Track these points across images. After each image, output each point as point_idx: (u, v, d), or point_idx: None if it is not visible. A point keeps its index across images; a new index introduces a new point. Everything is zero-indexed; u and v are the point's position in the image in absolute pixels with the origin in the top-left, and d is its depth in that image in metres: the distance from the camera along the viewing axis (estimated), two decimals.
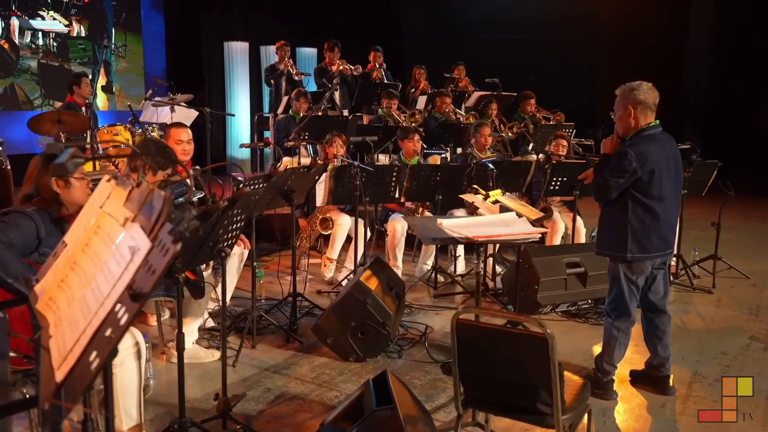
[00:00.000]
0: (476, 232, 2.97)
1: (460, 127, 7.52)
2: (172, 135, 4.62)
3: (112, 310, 1.35)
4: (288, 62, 8.58)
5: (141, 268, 1.35)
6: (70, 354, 1.40)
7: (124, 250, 1.48)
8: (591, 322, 4.91)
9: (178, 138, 4.59)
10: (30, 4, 9.90)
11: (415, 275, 5.97)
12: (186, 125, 4.79)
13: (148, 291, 1.27)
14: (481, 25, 10.54)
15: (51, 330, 1.64)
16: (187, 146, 4.61)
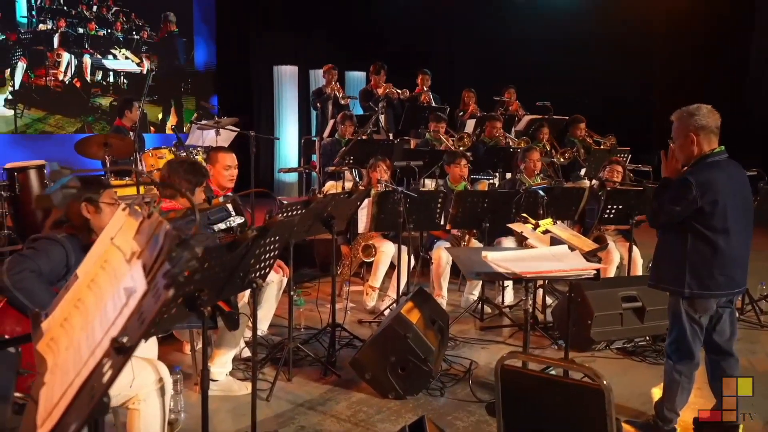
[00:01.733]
0: (524, 267, 2.74)
1: (509, 152, 7.28)
2: (219, 160, 4.52)
3: (100, 362, 1.19)
4: (335, 86, 8.51)
5: (134, 315, 1.18)
6: (56, 409, 1.25)
7: (121, 291, 1.32)
8: (649, 361, 4.58)
9: (225, 163, 4.49)
10: (102, 42, 10.19)
11: (461, 306, 5.73)
12: (231, 151, 4.69)
13: (134, 344, 1.10)
14: (532, 46, 10.29)
15: (46, 376, 1.50)
16: (233, 171, 4.52)
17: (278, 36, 11.33)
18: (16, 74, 9.02)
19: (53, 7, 9.46)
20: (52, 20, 9.43)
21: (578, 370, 2.21)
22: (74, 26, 9.74)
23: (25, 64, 9.08)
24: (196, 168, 3.68)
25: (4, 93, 8.86)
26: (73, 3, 9.75)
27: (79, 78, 9.80)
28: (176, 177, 3.61)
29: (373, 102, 8.30)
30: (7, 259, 2.54)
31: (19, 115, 8.97)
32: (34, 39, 9.19)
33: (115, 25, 10.40)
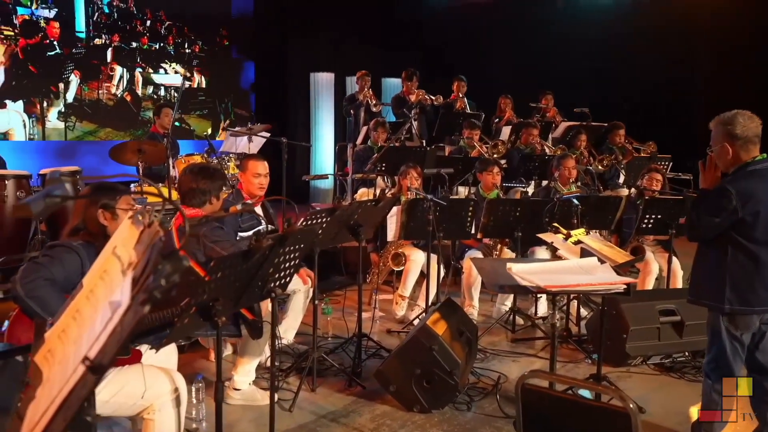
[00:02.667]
0: (549, 281, 2.62)
1: (545, 160, 7.11)
2: (249, 167, 4.49)
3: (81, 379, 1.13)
4: (368, 92, 8.46)
5: (115, 331, 1.12)
6: (36, 428, 1.19)
7: (107, 305, 1.27)
8: (688, 378, 4.38)
9: (256, 171, 4.46)
10: (153, 56, 10.36)
11: (492, 316, 5.60)
12: (263, 159, 4.65)
13: (107, 363, 1.03)
14: (570, 52, 10.08)
15: (38, 390, 1.45)
16: (264, 180, 4.48)
17: (315, 43, 11.35)
18: (70, 87, 9.23)
19: (109, 22, 9.68)
20: (107, 35, 9.64)
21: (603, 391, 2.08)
22: (127, 41, 9.95)
23: (79, 77, 9.28)
24: (214, 173, 3.64)
25: (58, 106, 9.06)
26: (127, 18, 9.98)
27: (130, 92, 9.98)
28: (205, 184, 3.58)
29: (406, 109, 8.21)
30: (22, 267, 2.52)
31: (70, 127, 9.16)
32: (88, 53, 9.40)
33: (167, 39, 10.59)
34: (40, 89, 8.85)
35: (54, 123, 9.03)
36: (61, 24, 9.03)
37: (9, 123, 8.53)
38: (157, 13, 10.42)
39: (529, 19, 10.69)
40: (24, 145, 8.60)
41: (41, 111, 8.86)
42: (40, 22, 8.77)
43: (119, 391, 2.63)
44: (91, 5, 9.40)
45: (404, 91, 8.68)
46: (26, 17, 8.65)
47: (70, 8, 9.19)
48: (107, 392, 2.62)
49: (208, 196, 3.58)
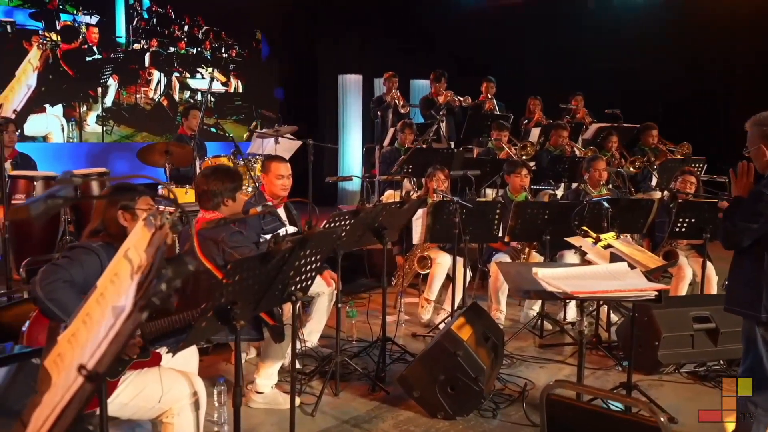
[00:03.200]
0: (577, 286, 2.53)
1: (575, 162, 6.98)
2: (272, 169, 4.48)
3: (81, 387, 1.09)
4: (395, 94, 8.40)
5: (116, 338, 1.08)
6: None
7: (110, 310, 1.23)
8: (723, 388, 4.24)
9: (279, 173, 4.45)
10: (191, 61, 10.46)
11: (520, 321, 5.50)
12: (286, 160, 4.64)
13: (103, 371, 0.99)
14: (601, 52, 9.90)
15: (45, 396, 1.42)
16: (286, 181, 4.46)
17: (343, 45, 11.34)
18: (109, 92, 9.36)
19: (147, 27, 9.81)
20: (145, 40, 9.77)
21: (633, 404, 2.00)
22: (165, 46, 10.06)
23: (117, 82, 9.41)
24: (231, 173, 3.62)
25: (96, 110, 9.20)
26: (166, 23, 10.09)
27: (167, 96, 10.08)
28: (216, 185, 3.55)
29: (434, 110, 8.15)
30: (42, 269, 2.52)
31: (108, 131, 9.28)
32: (126, 58, 9.53)
33: (204, 44, 10.68)
34: (79, 93, 8.98)
35: (92, 127, 9.15)
36: (101, 29, 9.19)
37: (47, 127, 8.68)
38: (195, 18, 10.52)
39: (559, 18, 10.53)
40: (59, 147, 8.72)
41: (80, 115, 9.00)
42: (81, 27, 8.92)
43: (138, 394, 2.61)
44: (131, 11, 9.54)
45: (432, 93, 8.61)
46: (68, 23, 8.80)
47: (111, 14, 9.34)
48: (127, 395, 2.61)
49: (219, 197, 3.54)
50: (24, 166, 5.78)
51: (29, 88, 8.30)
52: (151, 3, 9.82)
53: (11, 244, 4.87)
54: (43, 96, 8.55)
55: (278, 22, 11.23)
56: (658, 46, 9.71)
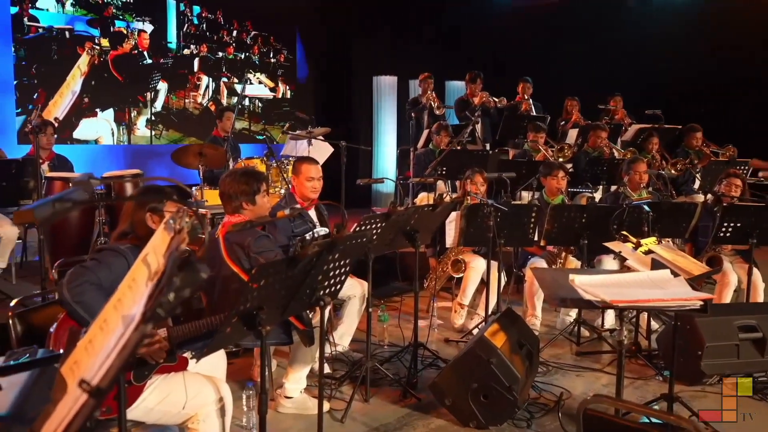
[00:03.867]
0: (617, 295, 2.41)
1: (614, 163, 6.80)
2: (302, 171, 4.43)
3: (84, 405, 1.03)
4: (431, 95, 8.32)
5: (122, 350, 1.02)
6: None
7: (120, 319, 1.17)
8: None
9: (309, 175, 4.39)
10: (239, 66, 10.56)
11: (556, 327, 5.36)
12: (317, 161, 4.59)
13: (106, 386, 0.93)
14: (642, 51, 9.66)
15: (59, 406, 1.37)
16: (317, 183, 4.41)
17: (378, 46, 11.29)
18: (158, 97, 9.50)
19: (197, 33, 9.93)
20: (195, 45, 9.90)
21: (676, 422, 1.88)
22: (214, 51, 10.17)
23: (167, 87, 9.54)
24: (251, 176, 3.56)
25: (146, 114, 9.34)
26: (215, 28, 10.20)
27: (215, 102, 10.17)
28: (233, 187, 3.51)
29: (469, 111, 8.03)
30: (69, 271, 2.50)
31: (157, 136, 9.40)
32: (176, 63, 9.67)
33: (252, 49, 10.76)
34: (130, 98, 9.14)
35: (142, 131, 9.29)
36: (153, 35, 9.34)
37: (98, 131, 8.84)
38: (244, 23, 10.61)
39: (597, 18, 10.32)
40: (103, 149, 8.85)
41: (130, 119, 9.15)
42: (133, 33, 9.08)
43: (164, 399, 2.58)
44: (181, 17, 9.68)
45: (468, 94, 8.51)
46: (121, 29, 8.96)
47: (163, 20, 9.50)
48: (152, 399, 2.58)
49: (236, 201, 3.49)
50: (61, 167, 5.85)
51: (74, 94, 8.46)
52: (201, 9, 9.94)
53: (47, 244, 4.93)
54: (94, 101, 8.73)
55: (313, 23, 11.23)
56: (700, 46, 9.43)
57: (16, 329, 2.66)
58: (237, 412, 3.49)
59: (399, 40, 11.21)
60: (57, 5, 8.37)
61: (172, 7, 9.63)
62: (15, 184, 4.50)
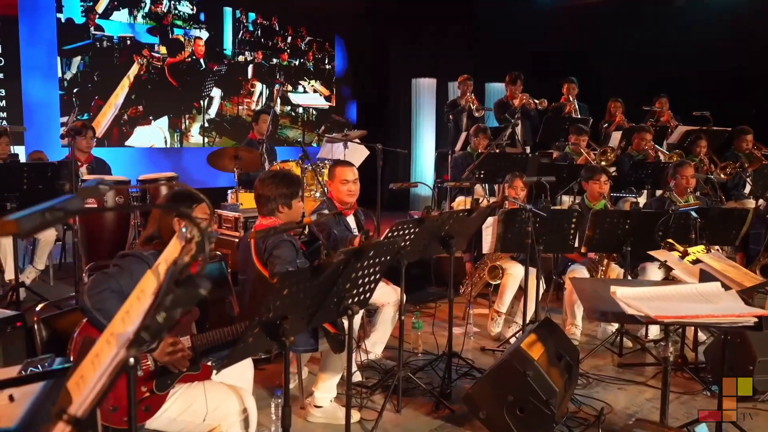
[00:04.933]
0: (661, 309, 2.25)
1: (659, 167, 6.55)
2: (338, 174, 4.35)
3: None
4: (470, 97, 8.17)
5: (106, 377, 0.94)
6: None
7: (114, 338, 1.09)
8: None
9: (344, 178, 4.30)
10: (293, 73, 10.62)
11: (597, 337, 5.17)
12: (353, 164, 4.50)
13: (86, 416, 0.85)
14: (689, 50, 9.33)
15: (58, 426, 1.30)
16: (352, 186, 4.31)
17: (417, 48, 11.19)
18: (213, 103, 9.60)
19: (252, 39, 10.02)
20: (250, 52, 9.99)
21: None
22: (269, 57, 10.26)
23: (221, 93, 9.63)
24: (287, 179, 3.50)
25: (200, 121, 9.44)
26: (270, 35, 10.28)
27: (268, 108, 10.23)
28: (270, 190, 3.45)
29: (509, 114, 7.86)
30: (91, 278, 2.45)
31: (210, 143, 9.49)
32: (230, 70, 9.78)
33: (307, 55, 10.79)
34: (184, 105, 9.27)
35: (195, 138, 9.39)
36: (209, 42, 9.49)
37: (151, 140, 8.96)
38: (299, 29, 10.64)
39: (643, 16, 10.01)
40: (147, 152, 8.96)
41: (184, 126, 9.26)
42: (190, 40, 9.21)
43: (186, 409, 2.52)
44: (237, 23, 9.76)
45: (507, 96, 8.33)
46: (179, 37, 9.10)
47: (219, 27, 9.63)
48: (175, 409, 2.52)
49: (273, 203, 3.44)
50: (99, 170, 5.91)
51: (116, 107, 8.58)
52: (256, 15, 10.00)
53: (82, 247, 4.96)
54: (149, 109, 8.87)
55: (351, 26, 11.19)
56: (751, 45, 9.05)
57: (41, 334, 2.63)
58: (265, 420, 3.43)
59: (438, 41, 11.09)
60: (129, 17, 8.63)
61: (228, 15, 9.73)
62: (51, 187, 4.53)
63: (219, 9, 9.67)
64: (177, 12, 9.12)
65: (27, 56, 7.80)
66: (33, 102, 7.88)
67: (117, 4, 8.56)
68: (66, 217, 1.01)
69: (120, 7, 8.58)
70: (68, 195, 1.11)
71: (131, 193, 5.12)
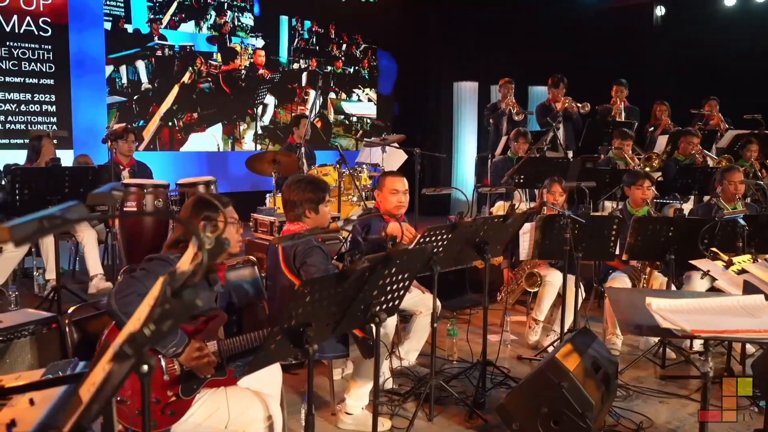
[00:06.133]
0: (699, 323, 2.14)
1: (707, 172, 6.34)
2: (387, 184, 4.25)
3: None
4: (510, 101, 8.06)
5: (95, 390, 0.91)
6: None
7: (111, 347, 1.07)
8: None
9: (393, 188, 4.19)
10: (347, 81, 10.72)
11: (639, 347, 5.01)
12: (402, 175, 4.39)
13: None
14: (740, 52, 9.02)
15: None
16: (402, 197, 4.18)
17: (459, 52, 11.10)
18: (267, 111, 9.75)
19: (307, 47, 10.15)
20: (305, 59, 10.14)
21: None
22: (323, 65, 10.38)
23: (275, 101, 9.78)
24: (315, 184, 3.47)
25: (254, 128, 9.59)
26: (325, 42, 10.40)
27: (321, 117, 10.35)
28: (298, 195, 3.44)
29: (551, 117, 7.72)
30: (119, 281, 2.48)
31: (262, 150, 9.62)
32: (284, 77, 9.92)
33: (362, 63, 10.87)
34: (238, 113, 9.44)
35: (249, 145, 9.53)
36: (264, 50, 9.64)
37: (205, 144, 9.16)
38: (354, 36, 10.72)
39: (690, 17, 9.73)
40: (195, 156, 9.14)
41: (239, 133, 9.43)
42: (247, 49, 9.40)
43: (211, 415, 2.51)
44: (293, 31, 9.94)
45: (550, 99, 8.18)
46: (236, 46, 9.31)
47: (275, 35, 9.80)
48: (200, 414, 2.52)
49: (300, 208, 3.42)
50: (141, 174, 6.00)
51: (170, 114, 8.77)
52: (312, 23, 10.11)
53: (123, 248, 5.04)
54: (203, 116, 9.06)
55: (392, 29, 11.17)
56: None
57: (72, 337, 2.67)
58: (295, 426, 3.41)
59: (480, 45, 10.98)
60: (195, 28, 8.89)
61: (285, 23, 9.86)
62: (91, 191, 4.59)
63: (276, 17, 9.82)
64: (240, 24, 9.32)
65: (76, 63, 8.00)
66: (81, 107, 8.08)
67: (184, 17, 8.84)
68: (64, 226, 1.00)
69: (187, 19, 8.86)
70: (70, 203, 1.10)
71: (170, 196, 5.17)
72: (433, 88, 11.37)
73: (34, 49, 7.72)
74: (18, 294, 4.57)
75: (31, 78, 7.71)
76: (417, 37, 11.12)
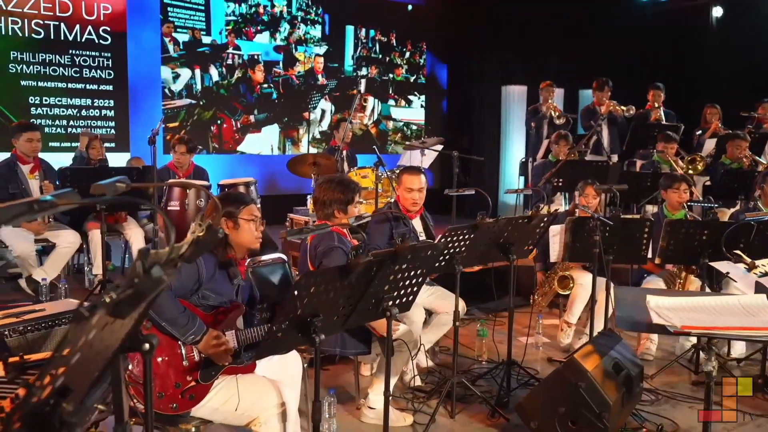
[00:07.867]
0: (691, 320, 2.15)
1: (753, 176, 6.18)
2: (403, 182, 4.39)
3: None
4: (551, 104, 8.02)
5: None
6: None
7: None
8: None
9: (409, 186, 4.33)
10: (406, 88, 10.92)
11: (674, 352, 4.94)
12: (420, 172, 4.51)
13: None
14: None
15: None
16: (416, 195, 4.33)
17: (507, 55, 11.08)
18: (325, 116, 10.04)
19: (369, 55, 10.42)
20: (366, 67, 10.42)
21: None
22: (383, 72, 10.61)
23: (333, 106, 10.04)
24: (345, 185, 3.59)
25: (310, 133, 9.90)
26: (387, 50, 10.64)
27: (376, 123, 10.55)
28: (327, 195, 3.56)
29: (595, 121, 7.65)
30: None
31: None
32: (343, 84, 10.17)
33: (422, 70, 11.02)
34: (295, 118, 9.75)
35: (304, 149, 9.81)
36: (327, 57, 9.96)
37: (260, 148, 9.46)
38: (419, 44, 10.89)
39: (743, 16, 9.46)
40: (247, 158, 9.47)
41: (295, 137, 9.74)
42: (310, 57, 9.73)
43: (228, 399, 2.65)
44: (356, 40, 10.22)
45: (595, 102, 8.11)
46: (300, 55, 9.65)
47: (340, 44, 10.11)
48: (218, 400, 2.66)
49: (329, 208, 3.54)
50: (197, 178, 6.14)
51: (233, 117, 9.14)
52: (376, 32, 10.32)
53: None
54: (262, 119, 9.43)
55: (440, 33, 11.24)
56: None
57: None
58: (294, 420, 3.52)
59: (528, 48, 10.93)
60: (270, 38, 9.32)
61: (350, 32, 10.12)
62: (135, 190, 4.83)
63: (341, 27, 10.11)
64: (310, 36, 9.71)
65: (133, 68, 8.37)
66: (139, 112, 8.45)
67: (261, 29, 9.28)
68: (53, 209, 1.13)
69: (263, 31, 9.30)
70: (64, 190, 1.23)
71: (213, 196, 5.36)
72: (481, 91, 11.38)
73: (95, 57, 8.12)
74: (68, 287, 4.85)
75: (91, 84, 8.10)
76: (467, 40, 11.16)
